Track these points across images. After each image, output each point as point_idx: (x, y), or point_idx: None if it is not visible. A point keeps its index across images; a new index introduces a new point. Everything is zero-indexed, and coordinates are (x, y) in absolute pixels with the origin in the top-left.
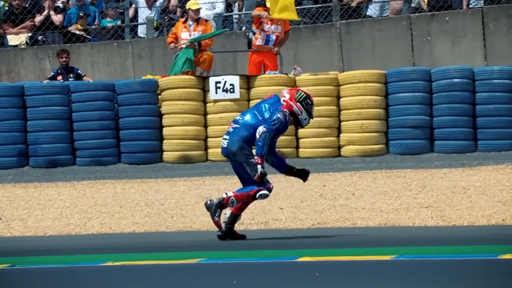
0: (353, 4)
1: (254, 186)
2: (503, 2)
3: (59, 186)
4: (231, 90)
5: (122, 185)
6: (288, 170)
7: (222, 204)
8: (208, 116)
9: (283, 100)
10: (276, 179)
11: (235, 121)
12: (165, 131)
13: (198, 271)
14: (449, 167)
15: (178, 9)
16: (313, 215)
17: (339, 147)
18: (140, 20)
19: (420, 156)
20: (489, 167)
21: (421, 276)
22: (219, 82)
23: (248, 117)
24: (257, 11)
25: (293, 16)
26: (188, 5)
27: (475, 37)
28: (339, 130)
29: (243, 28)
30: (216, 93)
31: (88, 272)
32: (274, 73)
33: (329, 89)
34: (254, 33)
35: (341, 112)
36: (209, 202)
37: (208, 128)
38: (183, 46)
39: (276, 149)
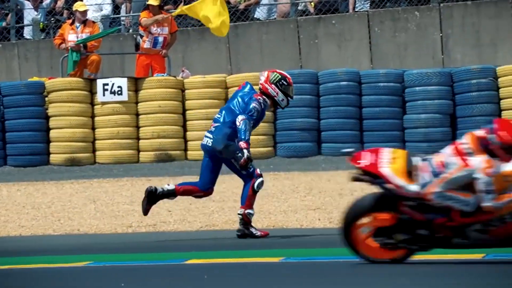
0: (241, 6)
1: (247, 186)
2: (388, 6)
3: None
4: (119, 92)
5: (8, 188)
6: None
7: (247, 223)
8: (96, 119)
9: (260, 83)
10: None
11: (215, 120)
12: (52, 133)
13: (84, 274)
14: (336, 169)
15: (65, 11)
16: (201, 217)
17: None
18: (26, 22)
19: (308, 158)
20: None
21: (308, 278)
22: (107, 84)
23: (226, 114)
24: (149, 20)
25: (221, 31)
26: (75, 7)
27: (361, 40)
28: None
29: (131, 30)
30: (104, 95)
31: None
32: (162, 76)
33: (217, 91)
34: (141, 36)
35: None
36: (241, 231)
37: (96, 130)
38: (70, 47)
39: (164, 152)
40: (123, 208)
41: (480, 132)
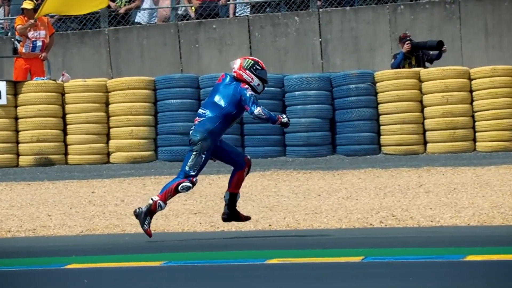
0: (121, 10)
1: (175, 180)
2: (268, 11)
3: None
4: None
5: None
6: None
7: (151, 210)
8: None
9: (234, 71)
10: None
11: (199, 115)
12: None
13: None
14: (217, 173)
15: None
16: (82, 221)
17: (108, 154)
18: None
19: None
20: (256, 173)
21: (192, 281)
22: None
23: (210, 110)
24: (23, 27)
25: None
26: None
27: (242, 45)
28: (108, 137)
29: (9, 33)
30: None
31: None
32: (42, 79)
33: (98, 95)
34: (19, 41)
35: (110, 118)
36: (137, 209)
37: None
38: None
39: (44, 156)
40: (2, 213)
41: None
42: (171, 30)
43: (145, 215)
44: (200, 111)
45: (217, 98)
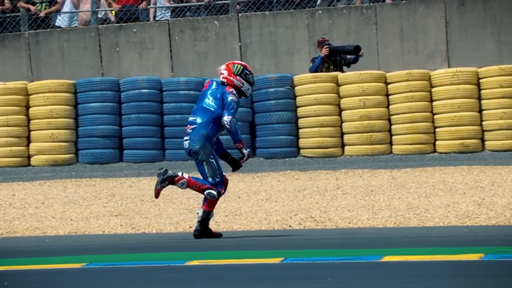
0: (42, 14)
1: (209, 182)
2: (188, 15)
3: None
4: None
5: None
6: (223, 155)
7: (173, 180)
8: None
9: (223, 77)
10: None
11: (190, 123)
12: None
13: None
14: (138, 176)
15: None
16: (2, 224)
17: (29, 157)
18: None
19: (110, 165)
20: None
21: (113, 282)
22: None
23: (200, 115)
24: None
25: None
26: None
27: (162, 49)
28: (28, 140)
29: None
30: None
31: None
32: None
33: (18, 98)
34: None
35: (31, 121)
36: (163, 170)
37: None
38: None
39: None
40: None
41: None
42: (92, 34)
43: (166, 179)
44: (191, 118)
45: (205, 103)
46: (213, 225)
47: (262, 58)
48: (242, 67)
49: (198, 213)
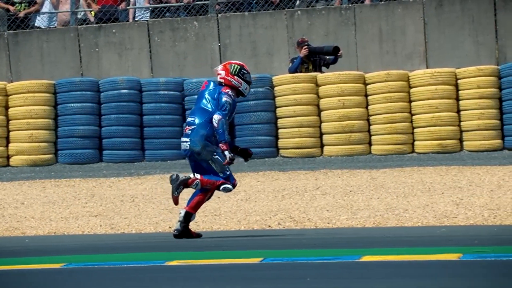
0: (21, 14)
1: (221, 177)
2: (167, 16)
3: None
4: None
5: None
6: (232, 149)
7: (186, 182)
8: None
9: (220, 78)
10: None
11: (189, 123)
12: None
13: None
14: (117, 176)
15: None
16: None
17: (8, 157)
18: None
19: (89, 165)
20: (156, 176)
21: (92, 283)
22: None
23: (199, 116)
24: None
25: None
26: None
27: (142, 49)
28: (7, 140)
29: None
30: None
31: None
32: None
33: None
34: None
35: (10, 122)
36: (174, 176)
37: None
38: None
39: None
40: None
41: None
42: (71, 34)
43: (180, 184)
44: (189, 119)
45: (203, 104)
46: (192, 225)
47: (241, 58)
48: (239, 67)
49: (180, 213)
